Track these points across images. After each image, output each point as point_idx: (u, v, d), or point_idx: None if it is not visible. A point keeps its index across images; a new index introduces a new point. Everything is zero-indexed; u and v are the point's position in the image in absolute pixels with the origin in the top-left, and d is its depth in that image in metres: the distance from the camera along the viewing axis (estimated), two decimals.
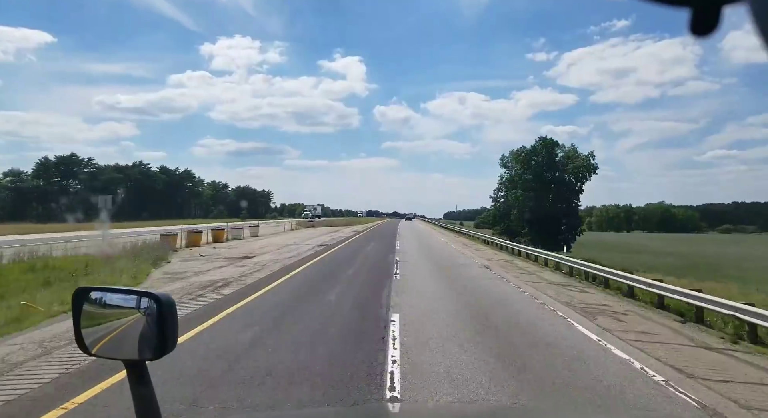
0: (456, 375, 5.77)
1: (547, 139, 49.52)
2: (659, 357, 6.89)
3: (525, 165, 48.70)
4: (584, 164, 47.56)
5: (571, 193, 48.63)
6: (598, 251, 46.49)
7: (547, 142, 49.07)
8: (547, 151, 48.55)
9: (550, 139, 49.50)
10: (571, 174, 47.99)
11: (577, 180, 48.16)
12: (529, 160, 48.64)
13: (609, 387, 5.62)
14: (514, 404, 4.98)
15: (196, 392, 4.96)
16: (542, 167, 48.21)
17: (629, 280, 12.91)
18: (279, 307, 9.72)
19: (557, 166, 48.40)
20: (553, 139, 49.55)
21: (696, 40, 0.57)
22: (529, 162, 48.60)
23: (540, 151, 48.64)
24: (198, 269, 14.76)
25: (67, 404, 4.66)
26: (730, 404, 5.16)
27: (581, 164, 47.59)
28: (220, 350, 6.58)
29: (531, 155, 48.82)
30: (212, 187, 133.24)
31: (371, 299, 10.55)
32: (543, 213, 46.85)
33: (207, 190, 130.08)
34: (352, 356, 6.35)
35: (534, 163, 48.36)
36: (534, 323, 9.04)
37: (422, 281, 13.29)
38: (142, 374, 1.25)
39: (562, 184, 48.09)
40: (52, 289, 10.63)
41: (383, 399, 4.98)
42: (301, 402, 4.79)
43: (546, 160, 48.28)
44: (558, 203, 48.11)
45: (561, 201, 48.19)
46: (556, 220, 47.65)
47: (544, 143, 48.96)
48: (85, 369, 5.59)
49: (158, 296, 1.26)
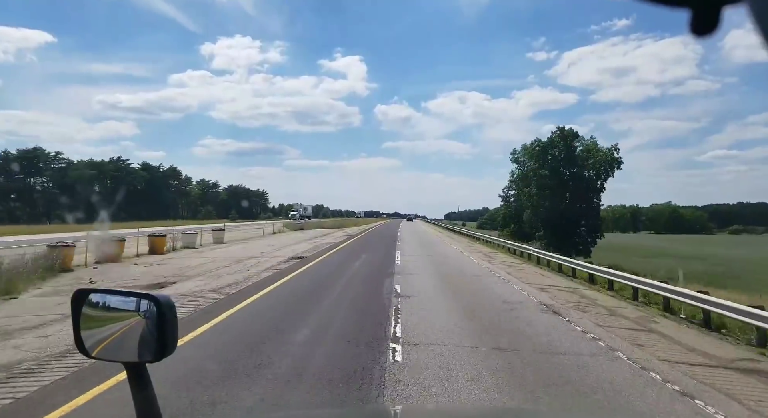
0: None
1: (566, 129, 43.22)
2: None
3: (540, 160, 42.52)
4: (606, 159, 41.49)
5: (591, 191, 42.62)
6: (613, 254, 41.09)
7: (566, 133, 42.84)
8: (565, 144, 42.38)
9: (570, 131, 43.24)
10: (591, 170, 41.94)
11: (597, 177, 42.25)
12: (545, 154, 42.49)
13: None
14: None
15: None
16: (559, 162, 42.19)
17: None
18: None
19: (576, 161, 42.23)
20: (572, 130, 43.30)
21: (696, 40, 0.56)
22: (544, 156, 42.46)
23: (557, 144, 42.50)
24: (30, 322, 7.94)
25: None
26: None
27: (603, 159, 41.52)
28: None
29: (547, 148, 42.63)
30: (201, 186, 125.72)
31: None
32: (559, 213, 40.95)
33: (195, 189, 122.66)
34: None
35: (550, 158, 42.25)
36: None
37: (455, 370, 5.95)
38: (142, 376, 1.25)
39: (581, 181, 42.12)
40: None
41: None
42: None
43: (564, 153, 42.19)
44: (576, 203, 42.13)
45: (580, 200, 42.24)
46: (574, 221, 41.81)
47: (563, 135, 42.77)
48: None
49: (158, 299, 1.27)
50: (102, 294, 1.42)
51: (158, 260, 17.97)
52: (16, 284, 10.53)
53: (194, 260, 18.15)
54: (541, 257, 21.76)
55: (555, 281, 16.37)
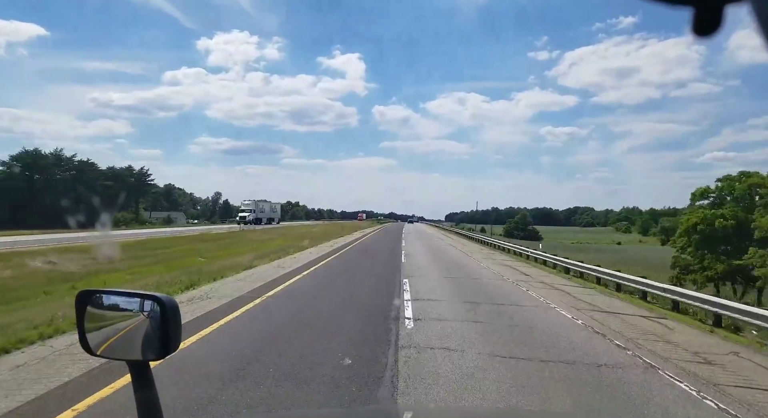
0: None
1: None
2: None
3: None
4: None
5: None
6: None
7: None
8: None
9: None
10: None
11: None
12: None
13: None
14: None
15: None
16: None
17: None
18: None
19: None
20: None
21: (698, 40, 0.56)
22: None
23: None
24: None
25: None
26: None
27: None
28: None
29: None
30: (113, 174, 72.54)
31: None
32: None
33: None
34: None
35: None
36: None
37: None
38: (145, 374, 1.27)
39: None
40: None
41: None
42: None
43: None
44: None
45: None
46: None
47: None
48: None
49: (161, 298, 1.29)
50: (106, 294, 1.45)
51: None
52: None
53: None
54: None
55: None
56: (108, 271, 15.29)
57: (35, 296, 10.78)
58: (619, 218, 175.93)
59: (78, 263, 16.36)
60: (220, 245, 28.48)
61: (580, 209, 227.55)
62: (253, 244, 29.51)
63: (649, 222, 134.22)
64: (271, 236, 39.84)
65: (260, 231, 48.85)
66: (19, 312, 8.78)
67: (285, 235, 40.62)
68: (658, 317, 10.91)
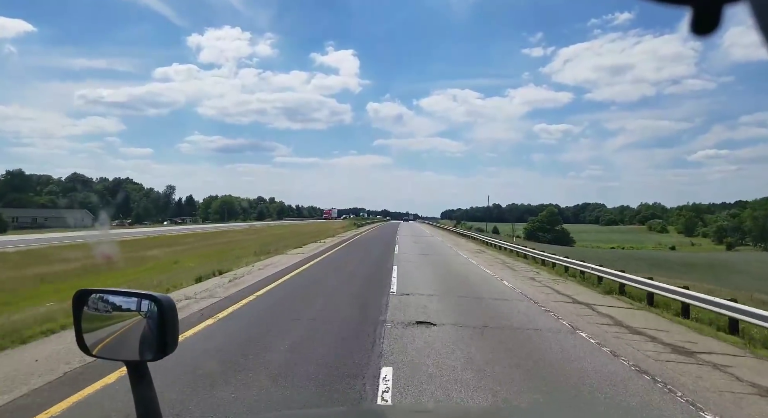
0: None
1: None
2: None
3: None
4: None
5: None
6: None
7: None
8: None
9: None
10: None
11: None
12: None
13: None
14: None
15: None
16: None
17: None
18: None
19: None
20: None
21: (697, 39, 0.56)
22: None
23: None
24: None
25: None
26: None
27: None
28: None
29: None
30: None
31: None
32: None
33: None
34: None
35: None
36: None
37: None
38: (143, 374, 1.27)
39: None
40: None
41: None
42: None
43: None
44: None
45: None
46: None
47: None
48: None
49: (158, 298, 1.28)
50: (103, 294, 1.44)
51: None
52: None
53: None
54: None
55: None
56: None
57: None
58: (639, 215, 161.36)
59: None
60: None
61: (590, 205, 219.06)
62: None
63: (694, 220, 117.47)
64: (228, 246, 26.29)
65: (199, 246, 29.43)
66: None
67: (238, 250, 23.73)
68: None
